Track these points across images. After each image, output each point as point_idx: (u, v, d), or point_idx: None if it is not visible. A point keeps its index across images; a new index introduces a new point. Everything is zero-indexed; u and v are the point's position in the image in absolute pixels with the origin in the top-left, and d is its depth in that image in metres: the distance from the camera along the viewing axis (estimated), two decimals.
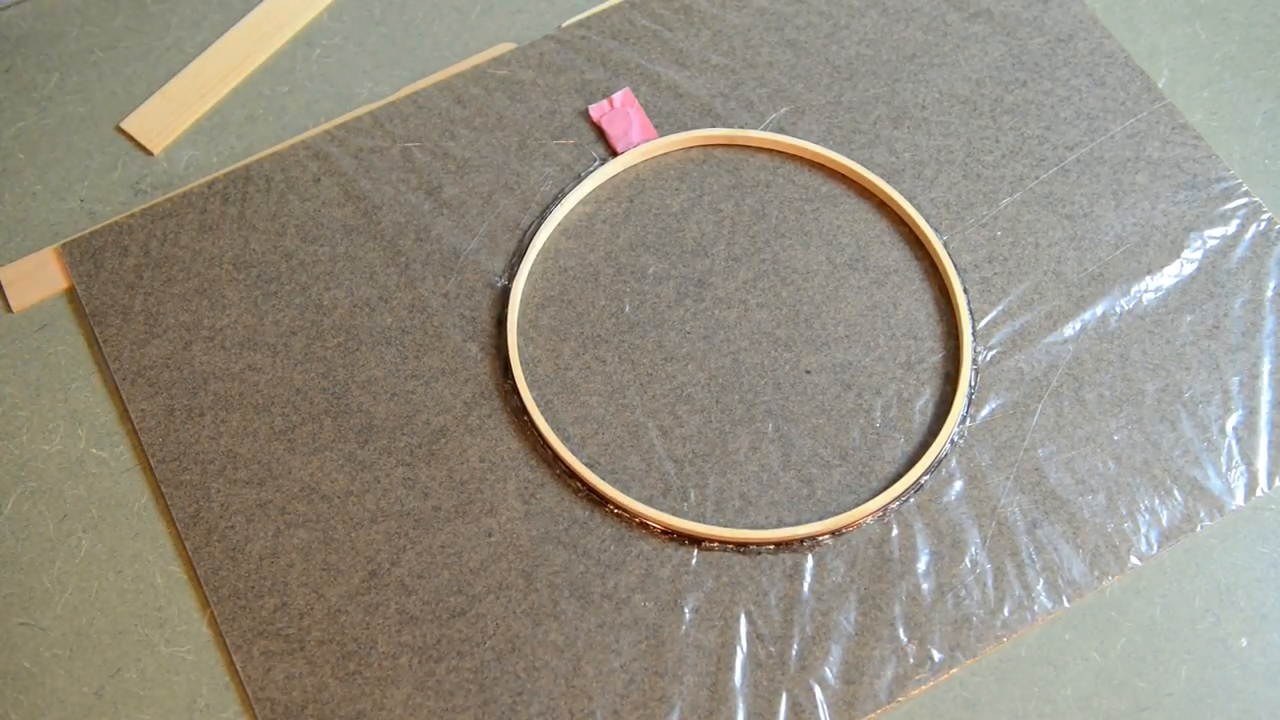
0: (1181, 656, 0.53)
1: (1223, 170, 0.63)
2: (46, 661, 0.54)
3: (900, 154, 0.64)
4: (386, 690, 0.53)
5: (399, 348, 0.60)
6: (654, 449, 0.57)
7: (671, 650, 0.53)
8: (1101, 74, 0.66)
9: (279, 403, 0.59)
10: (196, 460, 0.57)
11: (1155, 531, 0.55)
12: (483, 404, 0.58)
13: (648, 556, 0.55)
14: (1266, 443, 0.57)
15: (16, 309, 0.62)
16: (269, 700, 0.53)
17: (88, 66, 0.69)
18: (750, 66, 0.66)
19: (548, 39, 0.68)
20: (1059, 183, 0.63)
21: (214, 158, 0.66)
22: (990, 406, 0.58)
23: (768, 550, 0.55)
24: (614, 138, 0.64)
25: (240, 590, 0.55)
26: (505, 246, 0.62)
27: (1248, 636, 0.54)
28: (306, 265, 0.62)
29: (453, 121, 0.65)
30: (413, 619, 0.54)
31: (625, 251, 0.62)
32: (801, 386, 0.59)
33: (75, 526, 0.57)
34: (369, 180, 0.64)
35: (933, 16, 0.68)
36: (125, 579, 0.56)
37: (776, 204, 0.63)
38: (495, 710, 0.52)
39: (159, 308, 0.61)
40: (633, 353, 0.59)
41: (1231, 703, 0.52)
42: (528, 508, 0.56)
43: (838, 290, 0.61)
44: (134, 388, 0.59)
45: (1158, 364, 0.58)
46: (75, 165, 0.66)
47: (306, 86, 0.68)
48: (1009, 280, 0.61)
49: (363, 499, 0.56)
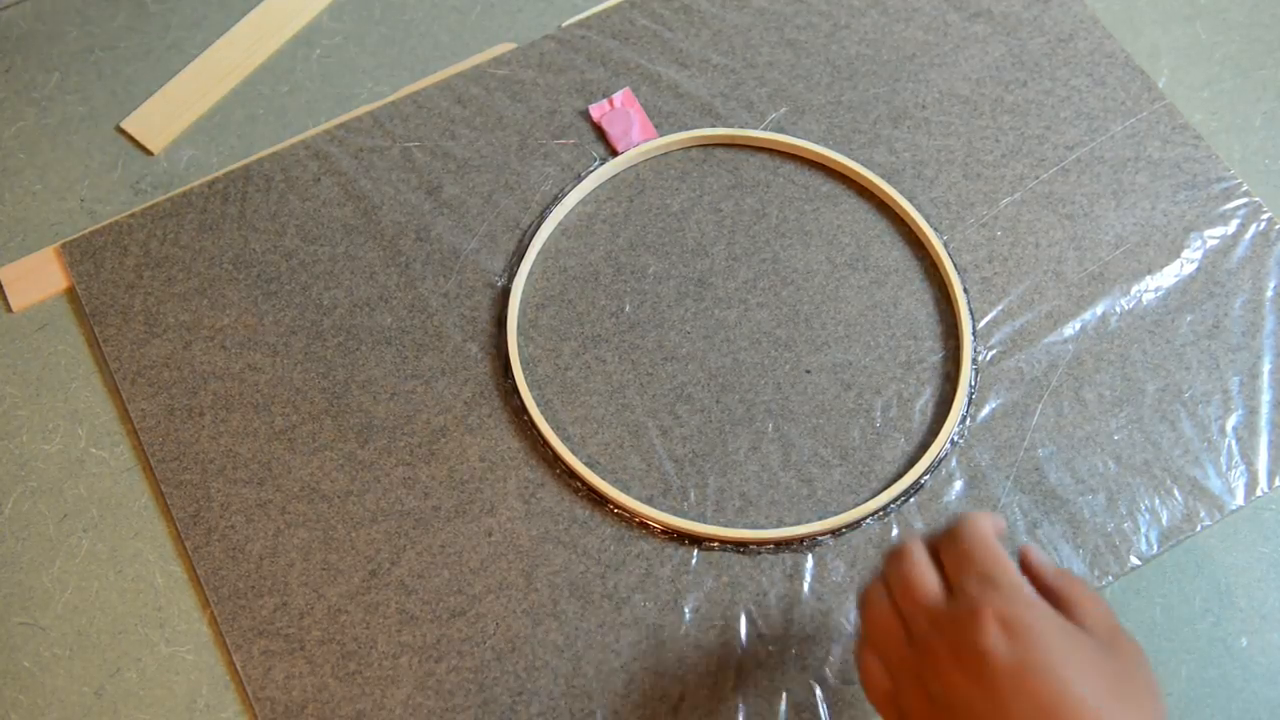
0: (1181, 656, 0.53)
1: (1223, 170, 0.63)
2: (46, 661, 0.54)
3: (900, 154, 0.64)
4: (386, 690, 0.53)
5: (399, 348, 0.60)
6: (654, 449, 0.57)
7: (671, 650, 0.53)
8: (1101, 74, 0.66)
9: (279, 403, 0.59)
10: (196, 460, 0.57)
11: (1155, 531, 0.55)
12: (483, 404, 0.58)
13: (648, 556, 0.55)
14: (1266, 443, 0.57)
15: (16, 309, 0.62)
16: (269, 700, 0.53)
17: (88, 66, 0.69)
18: (750, 66, 0.66)
19: (548, 39, 0.68)
20: (1059, 183, 0.63)
21: (214, 158, 0.66)
22: (990, 406, 0.58)
23: (768, 550, 0.55)
24: (614, 138, 0.64)
25: (240, 590, 0.55)
26: (505, 246, 0.62)
27: (1248, 636, 0.54)
28: (306, 265, 0.62)
29: (453, 121, 0.65)
30: (413, 619, 0.54)
31: (625, 251, 0.62)
32: (801, 386, 0.59)
33: (75, 526, 0.57)
34: (369, 180, 0.64)
35: (933, 16, 0.68)
36: (125, 579, 0.56)
37: (776, 204, 0.63)
38: (495, 710, 0.52)
39: (159, 308, 0.61)
40: (633, 353, 0.59)
41: (1231, 703, 0.52)
42: (528, 508, 0.56)
43: (838, 290, 0.61)
44: (134, 388, 0.59)
45: (1158, 364, 0.58)
46: (75, 165, 0.66)
47: (306, 86, 0.68)
48: (1009, 280, 0.61)
49: (363, 499, 0.56)
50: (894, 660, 0.41)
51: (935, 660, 0.39)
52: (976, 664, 0.38)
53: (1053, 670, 0.37)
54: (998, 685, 0.37)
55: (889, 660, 0.42)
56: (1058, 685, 0.37)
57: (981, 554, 0.41)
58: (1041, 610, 0.39)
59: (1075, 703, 0.36)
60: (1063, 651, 0.38)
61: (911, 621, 0.41)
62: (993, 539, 0.42)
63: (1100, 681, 0.37)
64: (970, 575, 0.40)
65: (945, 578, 0.42)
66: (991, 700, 0.37)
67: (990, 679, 0.38)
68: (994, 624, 0.38)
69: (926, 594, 0.41)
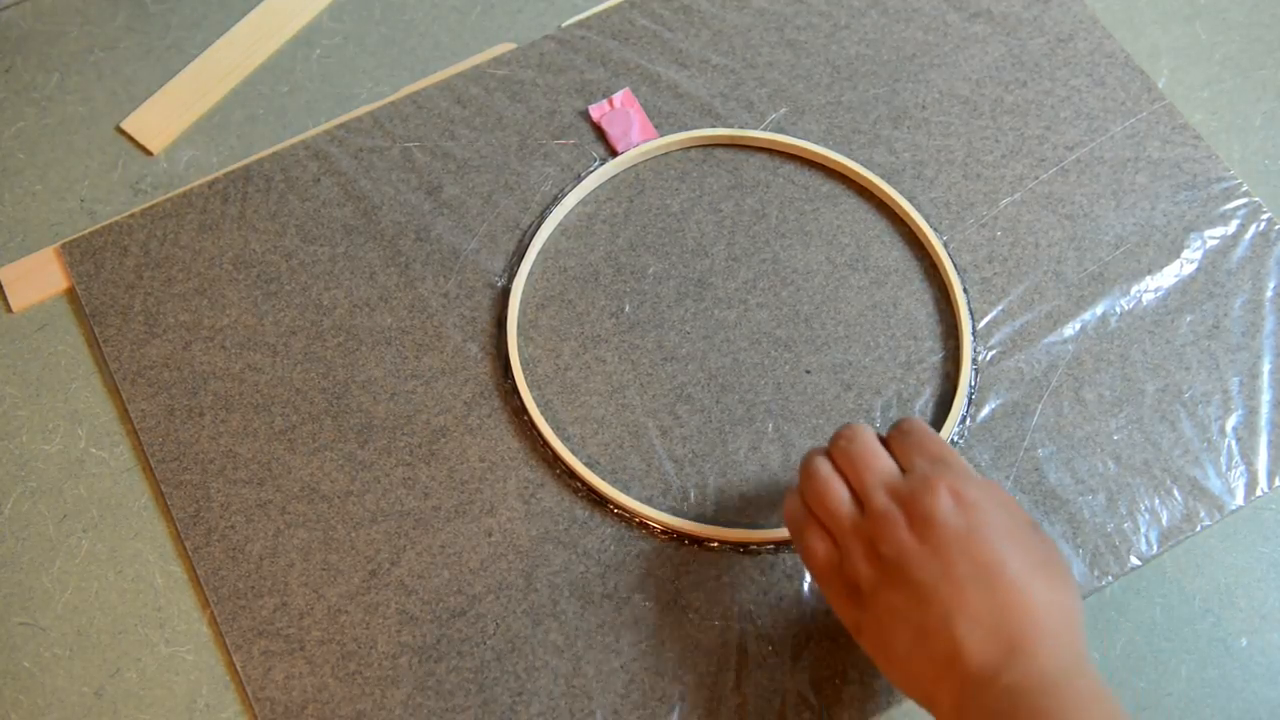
0: (1181, 656, 0.53)
1: (1223, 170, 0.63)
2: (46, 661, 0.54)
3: (900, 154, 0.64)
4: (386, 690, 0.53)
5: (399, 348, 0.60)
6: (654, 449, 0.57)
7: (671, 650, 0.53)
8: (1101, 74, 0.66)
9: (279, 403, 0.59)
10: (196, 460, 0.57)
11: (1155, 531, 0.55)
12: (483, 404, 0.58)
13: (648, 556, 0.55)
14: (1266, 443, 0.57)
15: (16, 309, 0.62)
16: (269, 700, 0.53)
17: (88, 66, 0.69)
18: (750, 66, 0.66)
19: (548, 39, 0.68)
20: (1059, 183, 0.63)
21: (214, 158, 0.66)
22: (990, 406, 0.58)
23: (768, 550, 0.55)
24: (614, 138, 0.64)
25: (240, 590, 0.55)
26: (505, 246, 0.62)
27: (1248, 636, 0.54)
28: (306, 265, 0.62)
29: (453, 121, 0.65)
30: (413, 619, 0.54)
31: (625, 251, 0.62)
32: (801, 386, 0.59)
33: (75, 526, 0.57)
34: (369, 180, 0.64)
35: (933, 16, 0.68)
36: (125, 579, 0.56)
37: (776, 204, 0.63)
38: (495, 710, 0.52)
39: (159, 308, 0.61)
40: (633, 353, 0.59)
41: (1231, 703, 0.52)
42: (528, 508, 0.56)
43: (838, 290, 0.61)
44: (134, 388, 0.59)
45: (1158, 364, 0.58)
46: (75, 165, 0.66)
47: (306, 86, 0.68)
48: (1009, 280, 0.61)
49: (363, 499, 0.56)
50: (843, 528, 0.46)
51: (891, 525, 0.44)
52: (929, 528, 0.43)
53: (994, 539, 0.43)
54: (946, 546, 0.43)
55: (837, 529, 0.46)
56: (997, 552, 0.43)
57: (932, 442, 0.47)
58: (988, 489, 0.45)
59: (1011, 569, 0.42)
60: (1003, 526, 0.44)
61: (868, 493, 0.46)
62: (937, 434, 0.48)
63: (1031, 555, 0.43)
64: (924, 458, 0.46)
65: (896, 461, 0.47)
66: (939, 560, 0.43)
67: (939, 541, 0.43)
68: (947, 495, 0.44)
69: (883, 470, 0.46)
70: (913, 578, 0.43)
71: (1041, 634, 0.42)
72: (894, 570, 0.44)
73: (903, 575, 0.43)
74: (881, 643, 0.45)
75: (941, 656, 0.42)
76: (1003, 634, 0.42)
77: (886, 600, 0.44)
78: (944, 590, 0.42)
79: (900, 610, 0.43)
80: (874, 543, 0.45)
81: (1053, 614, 0.42)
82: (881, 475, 0.46)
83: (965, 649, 0.42)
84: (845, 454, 0.48)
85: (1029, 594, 0.42)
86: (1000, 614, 0.42)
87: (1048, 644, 0.42)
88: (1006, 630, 0.42)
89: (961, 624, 0.42)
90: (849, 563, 0.46)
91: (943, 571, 0.43)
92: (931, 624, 0.42)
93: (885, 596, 0.44)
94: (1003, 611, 0.42)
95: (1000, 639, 0.42)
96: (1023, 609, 0.42)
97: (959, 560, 0.43)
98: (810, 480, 0.48)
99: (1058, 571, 0.44)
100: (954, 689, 0.42)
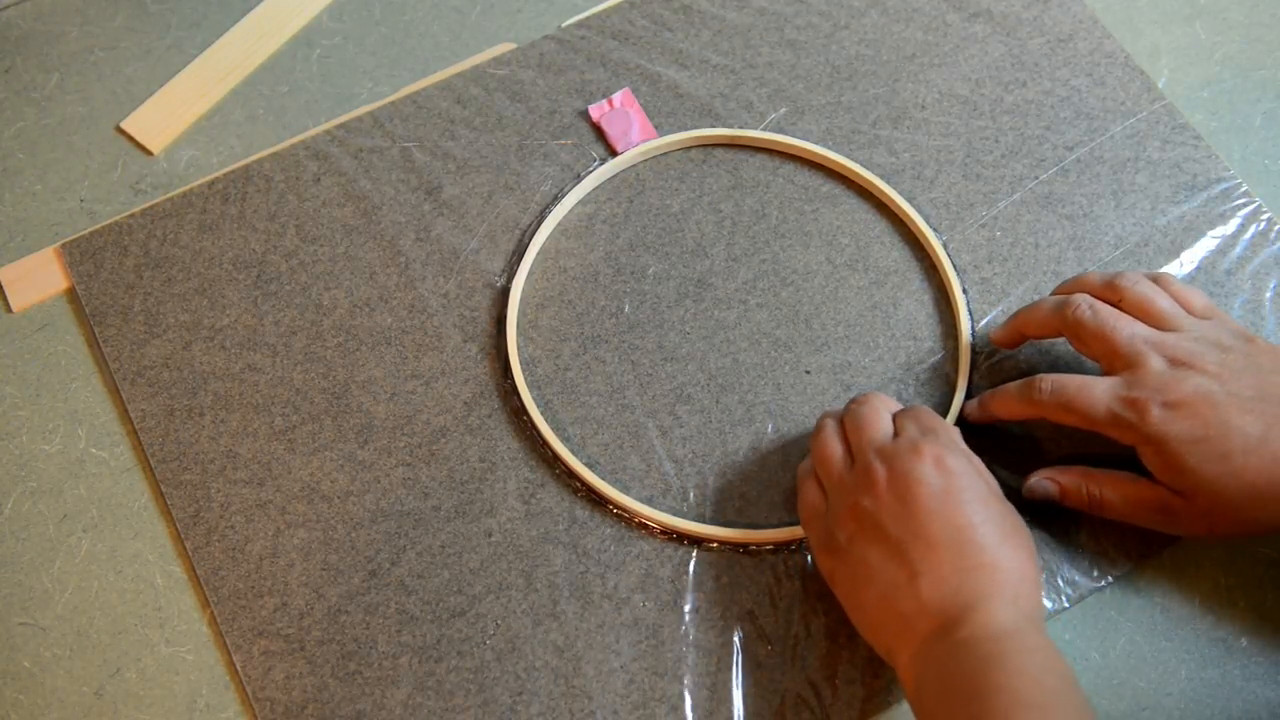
0: (1181, 656, 0.53)
1: (1223, 170, 0.63)
2: (46, 661, 0.54)
3: (900, 154, 0.64)
4: (386, 690, 0.53)
5: (399, 348, 0.60)
6: (654, 449, 0.57)
7: (671, 650, 0.53)
8: (1101, 74, 0.66)
9: (279, 403, 0.59)
10: (196, 460, 0.57)
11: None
12: (483, 404, 0.58)
13: (648, 556, 0.55)
14: None
15: (16, 309, 0.62)
16: (269, 700, 0.53)
17: (88, 66, 0.69)
18: (750, 66, 0.66)
19: (548, 39, 0.68)
20: (1059, 183, 0.63)
21: (214, 158, 0.66)
22: None
23: (768, 550, 0.55)
24: (614, 138, 0.64)
25: (240, 590, 0.55)
26: (505, 246, 0.62)
27: (1248, 636, 0.54)
28: (306, 265, 0.62)
29: (453, 121, 0.65)
30: (413, 619, 0.54)
31: (625, 251, 0.62)
32: (801, 387, 0.59)
33: (75, 526, 0.57)
34: (369, 180, 0.64)
35: (932, 16, 0.68)
36: (125, 579, 0.56)
37: (776, 204, 0.63)
38: (495, 710, 0.52)
39: (159, 308, 0.61)
40: (633, 353, 0.59)
41: (1231, 703, 0.52)
42: (528, 508, 0.56)
43: (838, 290, 0.61)
44: (134, 388, 0.59)
45: None
46: (75, 165, 0.66)
47: (306, 86, 0.68)
48: (1009, 280, 0.61)
49: (363, 499, 0.56)
50: (833, 480, 0.50)
51: (874, 481, 0.47)
52: (909, 488, 0.46)
53: (966, 504, 0.46)
54: (922, 506, 0.46)
55: (828, 482, 0.50)
56: (968, 516, 0.46)
57: (927, 416, 0.50)
58: (969, 459, 0.49)
59: (980, 533, 0.45)
60: (978, 493, 0.47)
61: (859, 452, 0.49)
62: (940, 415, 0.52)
63: (1001, 524, 0.46)
64: (916, 425, 0.49)
65: (895, 428, 0.50)
66: (913, 519, 0.46)
67: (916, 501, 0.46)
68: (930, 460, 0.47)
69: (878, 430, 0.50)
70: (887, 533, 0.46)
71: (1000, 594, 0.44)
72: (870, 524, 0.47)
73: (878, 530, 0.46)
74: (853, 592, 0.48)
75: (906, 613, 0.45)
76: (964, 594, 0.44)
77: (860, 553, 0.47)
78: (915, 550, 0.45)
79: (873, 563, 0.46)
80: (856, 496, 0.48)
81: (1012, 578, 0.45)
82: (875, 437, 0.50)
83: (928, 608, 0.45)
84: (852, 415, 0.51)
85: (995, 556, 0.45)
86: (964, 575, 0.45)
87: (1004, 603, 0.44)
88: (968, 590, 0.44)
89: (926, 584, 0.45)
90: (832, 513, 0.49)
91: (915, 530, 0.46)
92: (900, 580, 0.46)
93: (860, 549, 0.47)
94: (968, 573, 0.45)
95: (961, 599, 0.44)
96: (987, 570, 0.45)
97: (932, 520, 0.46)
98: (815, 435, 0.52)
99: (1022, 542, 0.47)
100: (913, 644, 0.45)
